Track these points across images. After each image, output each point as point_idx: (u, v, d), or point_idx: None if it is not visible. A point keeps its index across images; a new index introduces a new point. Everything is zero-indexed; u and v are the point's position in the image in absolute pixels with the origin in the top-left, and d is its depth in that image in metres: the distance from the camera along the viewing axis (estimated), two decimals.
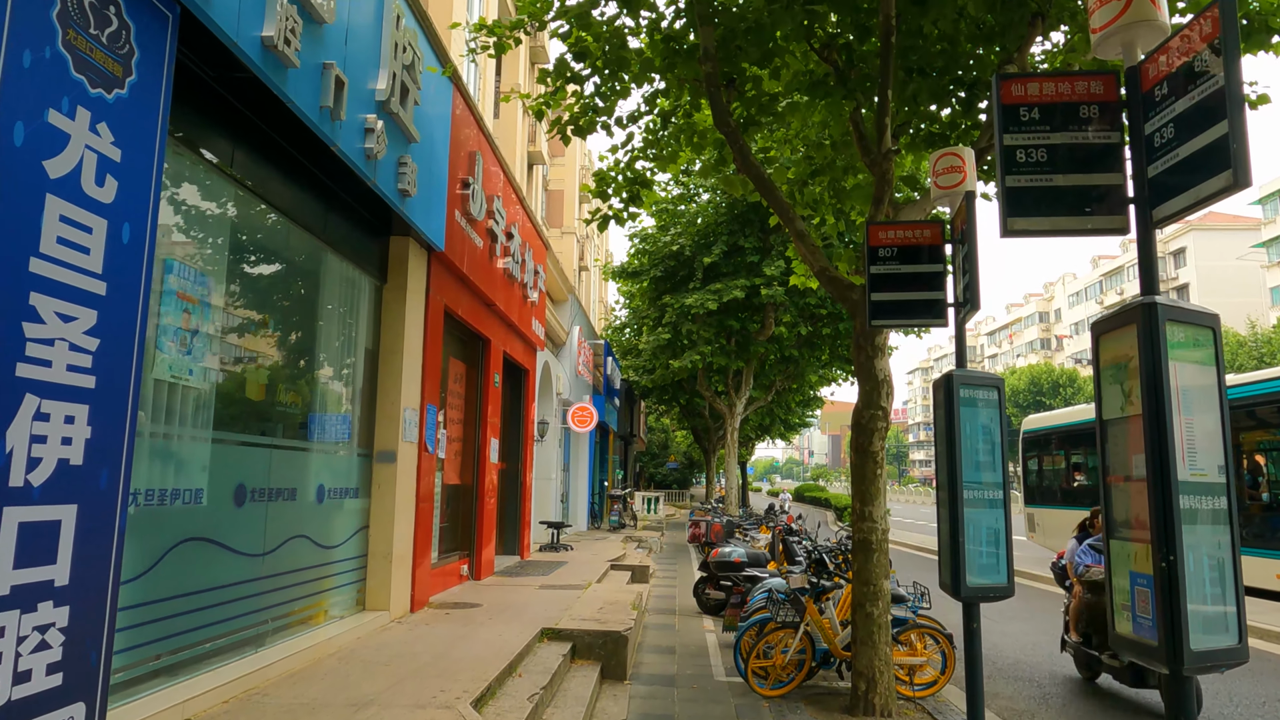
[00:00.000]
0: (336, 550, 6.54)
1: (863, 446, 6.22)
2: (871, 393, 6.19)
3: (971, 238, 4.40)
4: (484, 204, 9.36)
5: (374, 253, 7.29)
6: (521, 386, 13.40)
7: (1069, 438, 17.56)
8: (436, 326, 8.26)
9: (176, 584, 4.45)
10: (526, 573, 11.07)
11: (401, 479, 7.33)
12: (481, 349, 10.64)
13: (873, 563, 6.15)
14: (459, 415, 10.18)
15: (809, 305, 19.35)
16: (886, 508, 6.33)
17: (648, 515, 28.78)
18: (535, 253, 12.81)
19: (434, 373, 8.19)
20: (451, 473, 9.89)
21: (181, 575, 4.49)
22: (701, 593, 10.56)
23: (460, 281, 9.10)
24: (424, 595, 7.92)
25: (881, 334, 6.18)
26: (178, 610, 4.47)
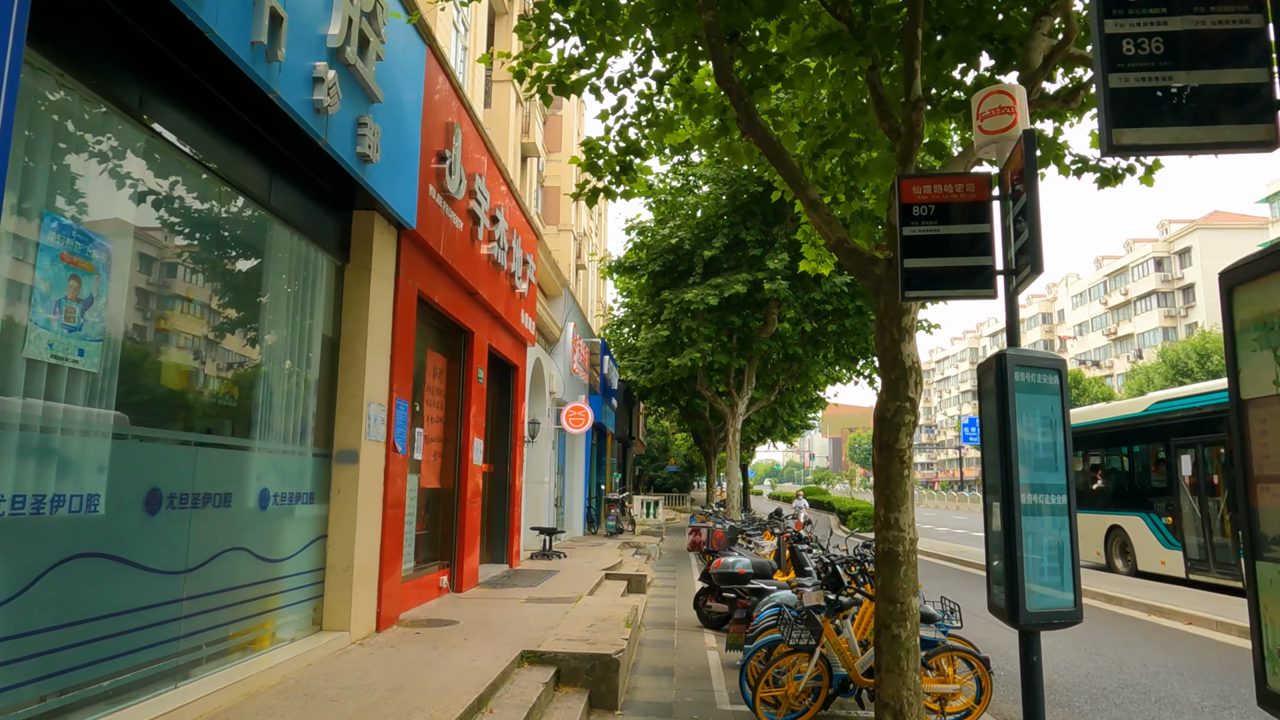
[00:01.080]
0: (285, 564, 5.72)
1: (887, 444, 5.41)
2: (897, 382, 5.38)
3: (1031, 184, 3.61)
4: (463, 181, 8.57)
5: (333, 228, 6.49)
6: (510, 384, 12.60)
7: (1083, 439, 16.73)
8: (408, 313, 7.46)
9: (63, 610, 3.64)
10: (514, 583, 10.26)
11: (365, 482, 6.52)
12: (464, 342, 9.83)
13: (900, 577, 5.34)
14: (439, 413, 9.38)
15: (813, 301, 18.55)
16: (914, 515, 5.52)
17: (647, 520, 27.95)
18: (525, 241, 12.02)
19: (405, 364, 7.38)
20: (430, 476, 9.08)
21: (70, 599, 3.67)
22: (702, 605, 9.74)
23: (437, 265, 8.29)
24: (393, 612, 7.11)
25: (908, 314, 5.37)
26: (66, 642, 3.66)
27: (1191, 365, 47.56)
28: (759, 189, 17.70)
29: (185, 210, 4.63)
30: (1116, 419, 16.22)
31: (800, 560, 9.10)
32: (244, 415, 5.24)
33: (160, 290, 4.41)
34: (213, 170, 4.80)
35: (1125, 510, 15.59)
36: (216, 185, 4.89)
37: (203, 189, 4.78)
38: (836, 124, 7.94)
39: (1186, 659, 8.77)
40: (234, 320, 5.20)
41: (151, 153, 4.28)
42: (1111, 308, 72.88)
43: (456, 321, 9.30)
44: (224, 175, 4.91)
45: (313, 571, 6.16)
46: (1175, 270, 66.52)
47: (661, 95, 7.15)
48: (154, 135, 4.27)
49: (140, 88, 4.14)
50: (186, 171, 4.59)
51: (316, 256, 6.26)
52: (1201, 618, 10.58)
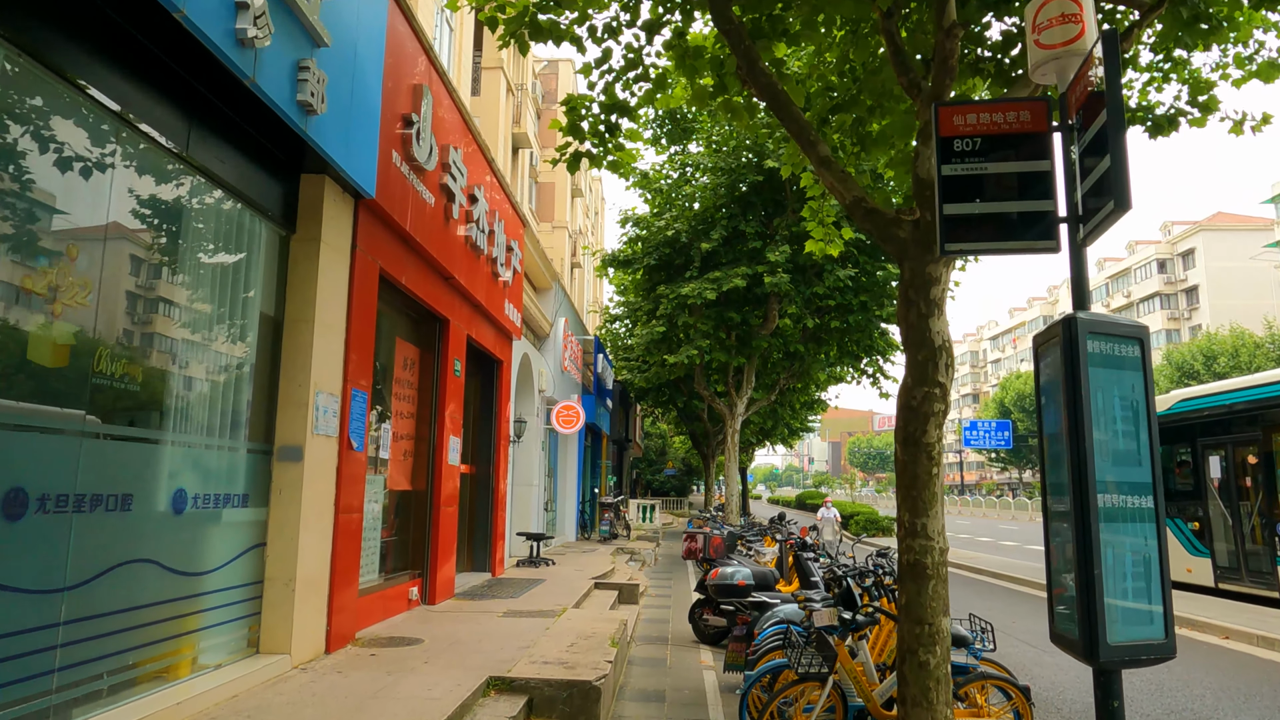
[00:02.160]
0: (209, 577, 4.91)
1: (913, 437, 4.60)
2: (925, 364, 4.57)
3: (1114, 95, 2.81)
4: (435, 152, 7.76)
5: (276, 192, 5.68)
6: (494, 379, 11.78)
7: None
8: (368, 293, 6.65)
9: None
10: (494, 594, 9.43)
11: (312, 483, 5.70)
12: (439, 331, 9.02)
13: (928, 594, 4.53)
14: (410, 408, 8.56)
15: (816, 296, 17.74)
16: (944, 521, 4.71)
17: (643, 525, 27.12)
18: (508, 226, 11.21)
19: (364, 351, 6.57)
20: (400, 477, 8.26)
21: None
22: (699, 618, 8.93)
23: (404, 243, 7.49)
24: (347, 629, 6.29)
25: (938, 285, 4.57)
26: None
27: (1198, 367, 46.77)
28: (759, 178, 16.92)
29: (65, 149, 3.82)
30: None
31: (806, 570, 8.29)
32: (152, 402, 4.42)
33: (27, 243, 3.59)
34: (105, 107, 3.99)
35: None
36: (110, 121, 4.08)
37: (91, 125, 3.97)
38: (846, 86, 7.16)
39: (1232, 679, 7.95)
40: (137, 289, 4.38)
41: (20, 74, 3.48)
42: (1114, 310, 72.09)
43: (429, 308, 8.49)
44: (129, 116, 4.10)
45: (247, 585, 5.34)
46: (1179, 272, 65.81)
47: (651, 46, 6.35)
48: (19, 49, 3.46)
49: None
50: (64, 101, 3.79)
51: (253, 223, 5.46)
52: (1240, 631, 9.76)
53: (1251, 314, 56.47)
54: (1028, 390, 66.06)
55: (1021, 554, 21.52)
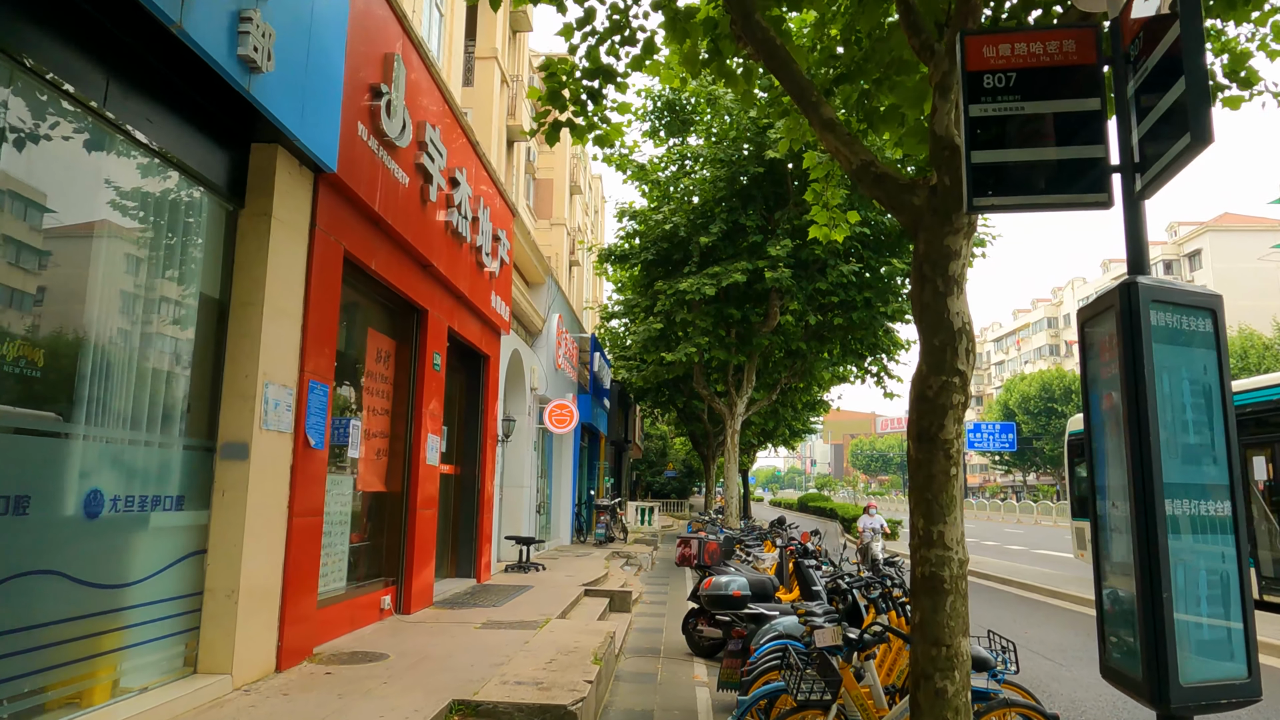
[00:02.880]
0: (134, 589, 4.36)
1: (928, 432, 4.05)
2: (942, 350, 4.02)
3: (1190, 8, 2.26)
4: (409, 128, 7.22)
5: (222, 161, 5.13)
6: (480, 376, 11.23)
7: None
8: (329, 277, 6.10)
9: None
10: (475, 602, 8.88)
11: (261, 483, 5.15)
12: (416, 322, 8.47)
13: (946, 611, 3.97)
14: (384, 404, 8.02)
15: (818, 291, 17.17)
16: (963, 528, 4.16)
17: (641, 527, 26.55)
18: (495, 214, 10.67)
19: (325, 339, 6.02)
20: (372, 477, 7.72)
21: None
22: (693, 629, 8.36)
23: (373, 225, 6.94)
24: (304, 644, 5.74)
25: (957, 259, 4.01)
26: None
27: None
28: (759, 169, 16.35)
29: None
30: None
31: (807, 578, 7.73)
32: (59, 390, 3.87)
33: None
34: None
35: None
36: (13, 73, 3.53)
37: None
38: (851, 54, 6.61)
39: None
40: (40, 263, 3.83)
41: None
42: None
43: (405, 296, 7.94)
44: (12, 52, 3.56)
45: (183, 598, 4.79)
46: (1185, 273, 65.13)
47: (639, 6, 5.80)
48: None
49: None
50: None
51: (193, 194, 4.91)
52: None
53: (1260, 315, 55.78)
54: (1032, 392, 65.45)
55: (1029, 559, 20.93)
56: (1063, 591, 13.48)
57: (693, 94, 17.09)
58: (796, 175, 16.99)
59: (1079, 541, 15.86)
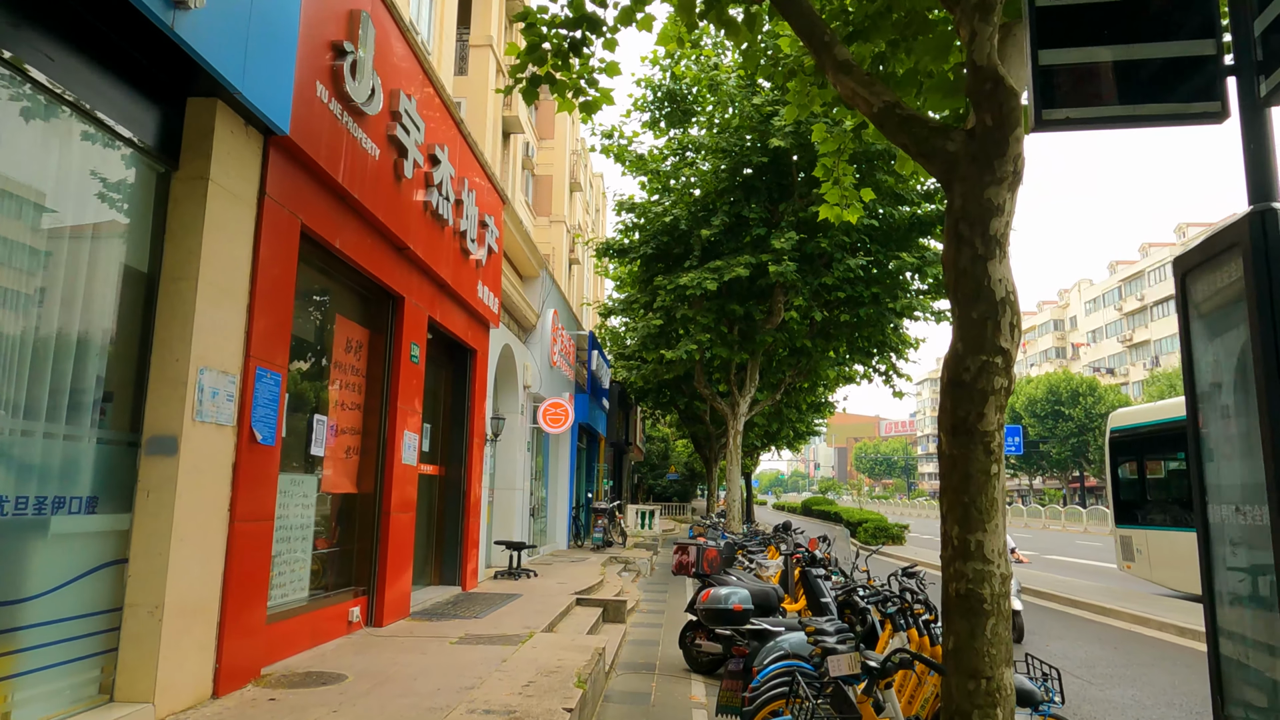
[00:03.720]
0: (31, 606, 3.72)
1: (965, 422, 3.40)
2: (982, 325, 3.37)
3: None
4: (379, 94, 6.59)
5: (151, 116, 4.50)
6: (467, 371, 10.59)
7: (1177, 434, 13.39)
8: (283, 253, 5.47)
9: None
10: (456, 613, 8.23)
11: (193, 482, 4.51)
12: (391, 310, 7.84)
13: (985, 636, 3.33)
14: (355, 398, 7.38)
15: (824, 287, 16.51)
16: (1007, 538, 3.50)
17: (642, 531, 25.87)
18: (482, 198, 10.04)
19: (276, 322, 5.39)
20: (340, 478, 7.08)
21: None
22: (690, 643, 7.71)
23: (337, 199, 6.31)
24: (249, 664, 5.09)
25: (999, 215, 3.37)
26: None
27: None
28: (764, 159, 15.70)
29: None
30: None
31: (815, 589, 7.07)
32: None
33: None
34: None
35: None
36: None
37: None
38: (864, 9, 5.97)
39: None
40: None
41: None
42: (1127, 314, 70.68)
43: (377, 281, 7.30)
44: None
45: (98, 615, 4.15)
46: None
47: None
48: None
49: None
50: None
51: (114, 151, 4.28)
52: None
53: None
54: (1039, 395, 64.61)
55: (1041, 564, 20.21)
56: (1085, 601, 12.77)
57: (693, 80, 16.45)
58: (802, 166, 16.35)
59: (1124, 552, 14.53)
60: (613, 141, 17.79)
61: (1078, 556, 22.93)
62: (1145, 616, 11.18)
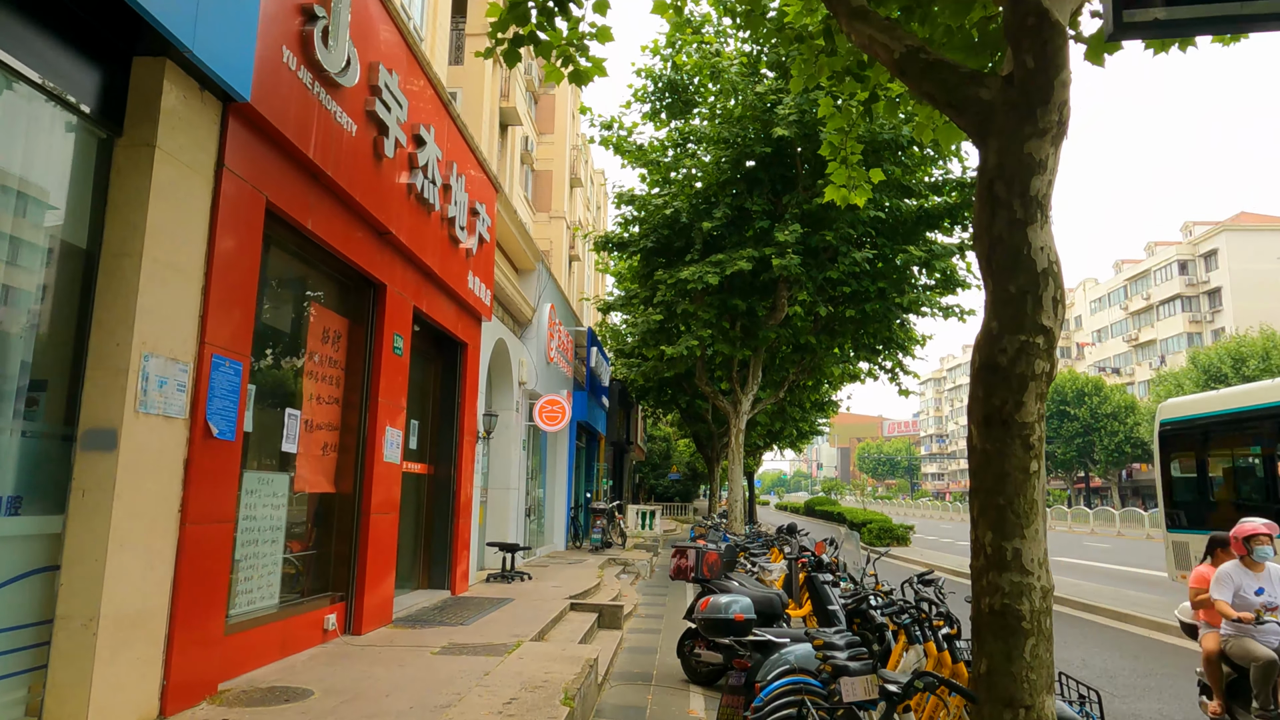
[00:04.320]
0: None
1: (1000, 413, 2.96)
2: (1021, 300, 2.93)
3: None
4: (355, 66, 6.16)
5: (88, 74, 4.07)
6: (457, 365, 10.15)
7: (1246, 425, 11.76)
8: (246, 229, 5.03)
9: None
10: (442, 619, 7.79)
11: (136, 480, 4.08)
12: (372, 298, 7.40)
13: (1024, 659, 2.89)
14: (332, 391, 6.95)
15: (829, 281, 16.05)
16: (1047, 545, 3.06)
17: (642, 532, 25.42)
18: (473, 184, 9.60)
19: (237, 306, 4.95)
20: (315, 476, 6.64)
21: None
22: (689, 652, 7.27)
23: (309, 176, 5.87)
24: (203, 679, 4.65)
25: (1041, 174, 2.92)
26: None
27: (1226, 370, 44.80)
28: (767, 149, 15.24)
29: None
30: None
31: (822, 597, 6.62)
32: None
33: None
34: None
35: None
36: None
37: None
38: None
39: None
40: None
41: None
42: (1132, 313, 70.08)
43: (355, 267, 6.87)
44: None
45: (23, 629, 3.72)
46: (1200, 273, 63.81)
47: None
48: None
49: None
50: None
51: (48, 112, 3.85)
52: None
53: (1278, 316, 54.45)
54: None
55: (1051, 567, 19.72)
56: (1099, 606, 12.30)
57: (694, 69, 15.99)
58: (806, 157, 15.89)
59: (1178, 560, 12.59)
60: (612, 132, 17.34)
61: (1087, 559, 22.46)
62: (1163, 622, 10.71)
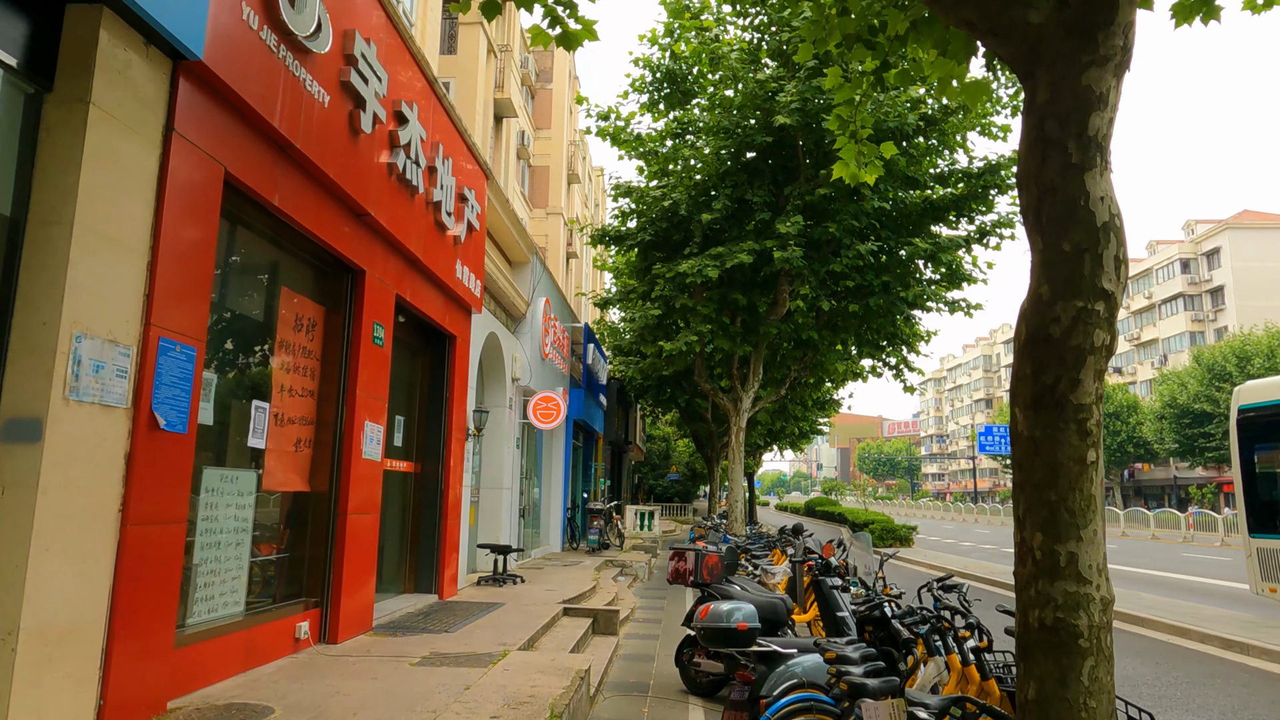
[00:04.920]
0: None
1: (1052, 392, 2.52)
2: (1077, 258, 2.49)
3: None
4: (327, 30, 5.72)
5: (17, 24, 3.62)
6: (446, 359, 9.71)
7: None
8: (201, 201, 4.58)
9: None
10: (426, 626, 7.34)
11: (65, 476, 3.63)
12: (350, 284, 6.96)
13: (1082, 683, 2.46)
14: (306, 384, 6.50)
15: (832, 275, 15.60)
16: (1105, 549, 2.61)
17: (641, 533, 24.97)
18: (460, 168, 9.15)
19: (190, 283, 4.50)
20: (287, 474, 6.20)
21: None
22: (688, 661, 6.82)
23: (274, 146, 5.42)
24: (148, 696, 4.20)
25: (1101, 110, 2.48)
26: None
27: (1230, 369, 44.38)
28: (768, 139, 14.79)
29: None
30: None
31: (832, 603, 6.18)
32: None
33: None
34: None
35: None
36: None
37: None
38: None
39: None
40: None
41: None
42: (1134, 312, 69.63)
43: (331, 249, 6.42)
44: None
45: None
46: (1203, 272, 63.37)
47: None
48: None
49: None
50: None
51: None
52: None
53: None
54: None
55: None
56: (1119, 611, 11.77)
57: (693, 55, 15.54)
58: (809, 148, 15.44)
59: (1264, 570, 11.02)
60: (609, 123, 16.88)
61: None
62: (1185, 627, 10.26)
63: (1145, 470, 63.30)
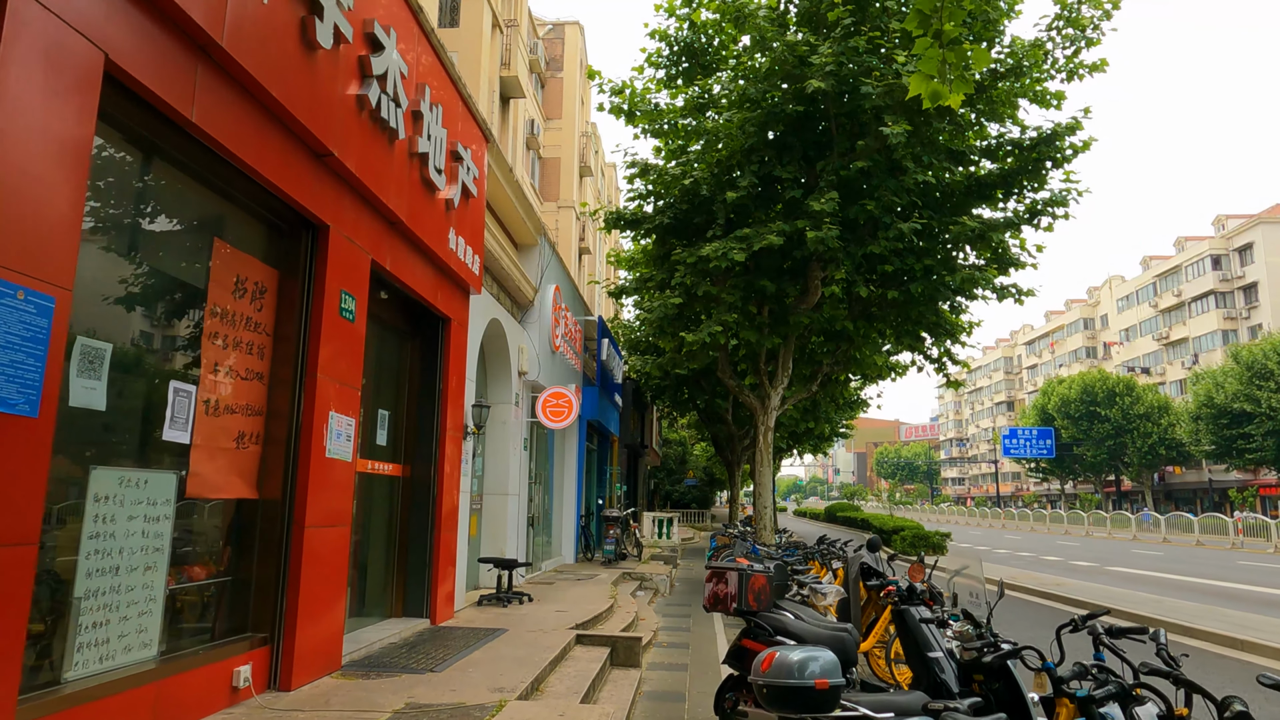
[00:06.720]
0: None
1: None
2: None
3: None
4: None
5: None
6: (439, 345, 8.38)
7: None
8: (58, 93, 3.28)
9: None
10: (408, 663, 6.00)
11: None
12: (310, 242, 5.64)
13: None
14: (253, 363, 5.19)
15: (869, 258, 14.18)
16: None
17: (659, 541, 23.57)
18: (452, 119, 7.84)
19: (39, 202, 3.20)
20: (226, 477, 4.88)
21: None
22: (732, 709, 5.44)
23: (186, 40, 4.10)
24: None
25: None
26: None
27: (1272, 366, 42.50)
28: (799, 109, 13.41)
29: None
30: None
31: (920, 641, 4.77)
32: None
33: None
34: None
35: None
36: None
37: None
38: None
39: None
40: None
41: None
42: (1163, 310, 67.58)
43: (280, 194, 5.10)
44: None
45: None
46: (1235, 268, 61.33)
47: None
48: None
49: None
50: None
51: None
52: None
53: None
54: (1073, 395, 61.79)
55: (1106, 577, 17.67)
56: (1217, 632, 10.13)
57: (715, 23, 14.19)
58: (843, 123, 14.04)
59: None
60: (624, 97, 15.54)
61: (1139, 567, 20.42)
62: (1190, 626, 9.08)
63: (1177, 473, 61.24)
